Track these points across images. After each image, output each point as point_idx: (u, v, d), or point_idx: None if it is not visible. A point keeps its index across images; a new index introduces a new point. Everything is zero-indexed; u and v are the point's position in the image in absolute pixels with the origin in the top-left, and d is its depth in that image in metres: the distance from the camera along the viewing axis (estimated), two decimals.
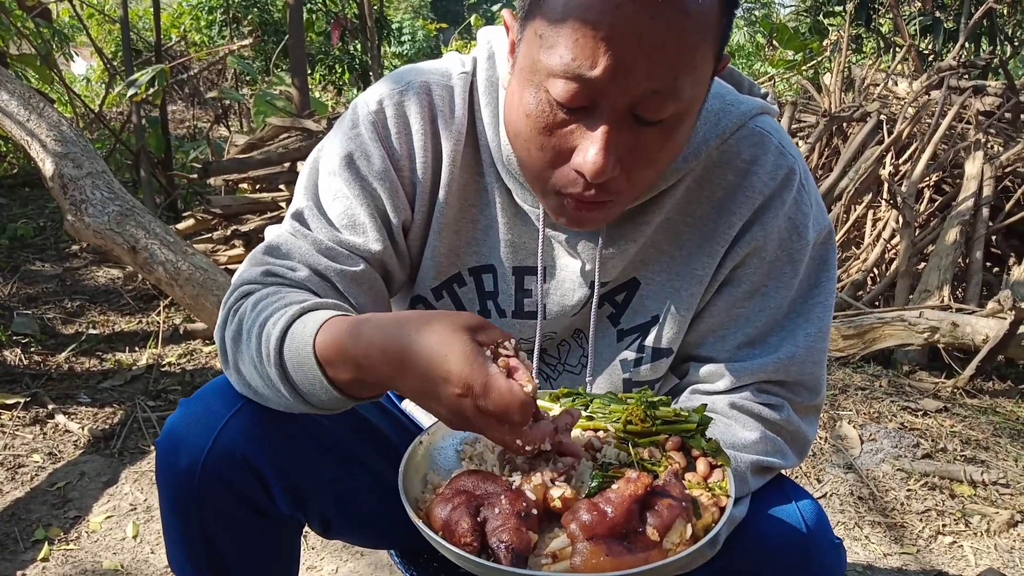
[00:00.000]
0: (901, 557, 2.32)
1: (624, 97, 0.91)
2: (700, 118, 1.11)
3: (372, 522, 1.34)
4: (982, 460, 2.83)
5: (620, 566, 0.82)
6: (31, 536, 2.26)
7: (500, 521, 0.86)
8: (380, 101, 1.16)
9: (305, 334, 0.98)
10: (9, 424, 2.80)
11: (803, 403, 1.21)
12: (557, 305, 1.22)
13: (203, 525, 1.15)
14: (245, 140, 5.50)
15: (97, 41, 6.91)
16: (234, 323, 1.08)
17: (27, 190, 6.20)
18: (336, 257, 1.13)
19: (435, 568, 1.52)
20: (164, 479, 1.15)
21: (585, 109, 0.94)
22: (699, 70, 0.94)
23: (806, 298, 1.19)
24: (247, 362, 1.05)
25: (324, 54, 11.21)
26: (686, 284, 1.19)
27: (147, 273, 3.37)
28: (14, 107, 3.42)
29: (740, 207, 1.15)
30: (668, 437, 0.99)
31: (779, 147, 1.16)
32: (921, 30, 8.27)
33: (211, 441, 1.10)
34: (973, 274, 4.12)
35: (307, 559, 2.22)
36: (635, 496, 0.86)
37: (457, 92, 1.17)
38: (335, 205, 1.15)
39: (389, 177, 1.15)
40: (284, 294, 1.07)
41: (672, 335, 1.22)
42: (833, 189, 4.54)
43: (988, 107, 5.25)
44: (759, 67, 11.39)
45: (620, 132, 0.94)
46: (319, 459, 1.19)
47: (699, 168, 1.15)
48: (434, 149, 1.17)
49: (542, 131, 0.97)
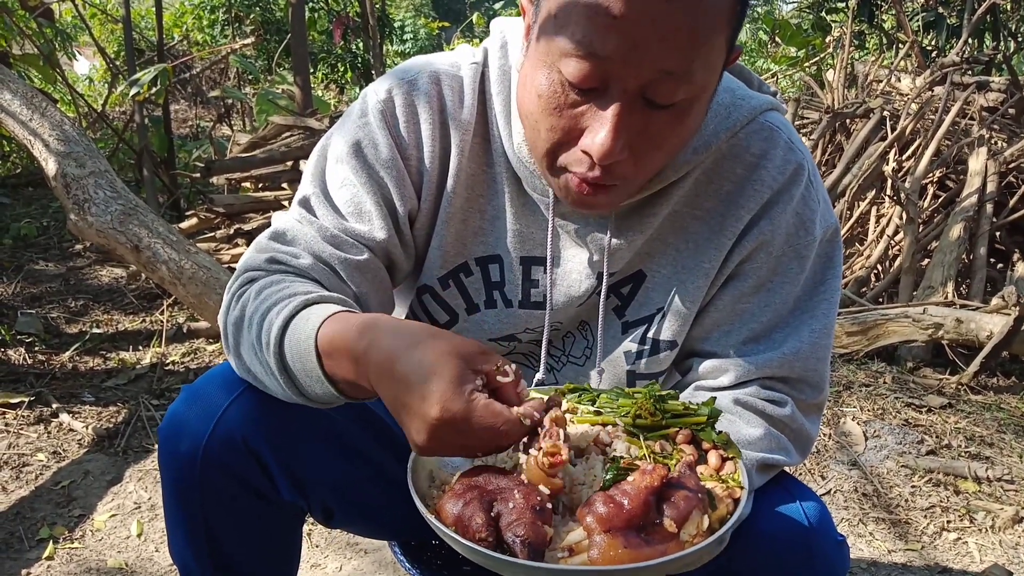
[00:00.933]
0: (906, 554, 2.31)
1: (636, 78, 0.92)
2: (710, 111, 1.11)
3: (374, 513, 1.35)
4: (987, 456, 2.82)
5: (638, 558, 0.81)
6: (36, 535, 2.27)
7: (515, 516, 0.84)
8: (389, 90, 1.17)
9: (308, 327, 0.97)
10: (14, 423, 2.81)
11: (806, 400, 1.20)
12: (563, 295, 1.22)
13: (204, 511, 1.16)
14: (248, 139, 5.51)
15: (100, 40, 6.92)
16: (237, 308, 1.08)
17: (30, 190, 6.21)
18: (340, 245, 1.14)
19: (439, 564, 1.52)
20: (166, 465, 1.16)
21: (596, 91, 0.94)
22: (712, 55, 0.94)
23: (811, 295, 1.19)
24: (248, 348, 1.05)
25: (326, 53, 11.21)
26: (692, 277, 1.19)
27: (150, 272, 3.37)
28: (17, 107, 3.42)
29: (748, 200, 1.15)
30: (678, 430, 0.98)
31: (788, 142, 1.16)
32: (924, 26, 8.25)
33: (212, 426, 1.10)
34: (977, 270, 4.11)
35: (311, 557, 2.22)
36: (651, 488, 0.85)
37: (467, 82, 1.18)
38: (341, 192, 1.16)
39: (396, 166, 1.16)
40: (288, 283, 1.07)
41: (676, 328, 1.22)
42: (836, 186, 4.53)
43: (992, 103, 5.23)
44: (762, 64, 11.36)
45: (631, 114, 0.94)
46: (320, 447, 1.19)
47: (708, 161, 1.16)
48: (442, 139, 1.17)
49: (553, 111, 0.98)
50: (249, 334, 1.05)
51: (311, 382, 0.99)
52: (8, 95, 3.45)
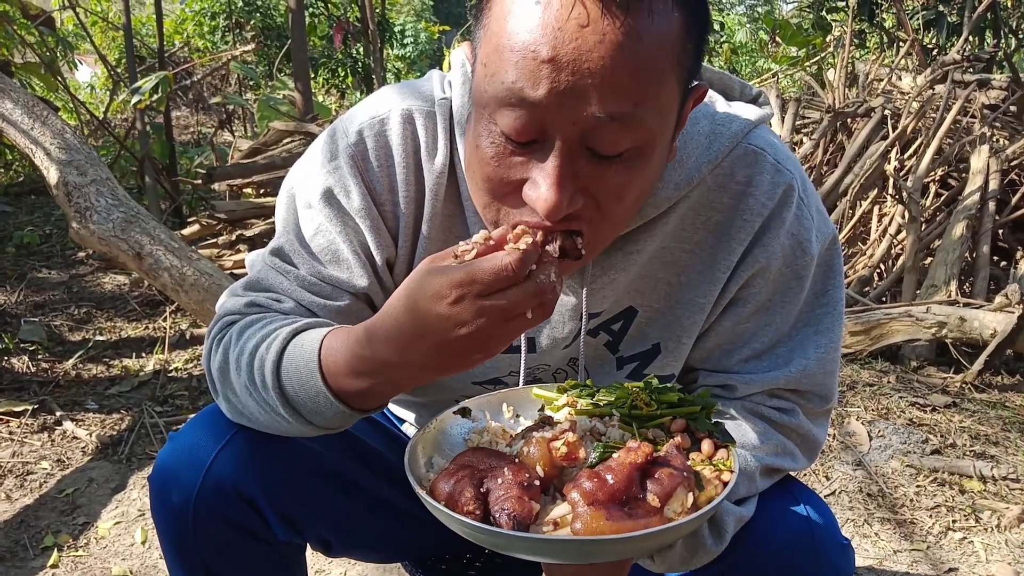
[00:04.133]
0: (911, 554, 2.31)
1: (573, 125, 0.86)
2: (691, 142, 1.08)
3: (374, 541, 1.34)
4: (991, 455, 2.81)
5: (620, 530, 0.82)
6: (40, 543, 2.27)
7: (503, 491, 0.87)
8: (360, 132, 1.11)
9: (305, 352, 0.96)
10: (17, 431, 2.81)
11: (814, 408, 1.20)
12: (548, 338, 1.20)
13: (203, 558, 1.15)
14: (249, 145, 5.52)
15: (101, 49, 6.94)
16: (219, 354, 1.06)
17: (33, 198, 6.22)
18: (320, 292, 1.11)
19: (443, 570, 1.52)
20: (159, 516, 1.14)
21: (536, 143, 0.89)
22: (661, 98, 0.88)
23: (814, 307, 1.17)
24: (240, 390, 1.03)
25: (327, 58, 11.24)
26: (688, 312, 1.17)
27: (152, 279, 3.38)
28: (18, 115, 3.43)
29: (739, 231, 1.12)
30: (673, 419, 0.99)
31: (774, 164, 1.12)
32: (924, 24, 8.24)
33: (202, 476, 1.09)
34: (980, 268, 4.10)
35: (315, 563, 2.22)
36: (635, 464, 0.86)
37: (439, 120, 1.12)
38: (316, 240, 1.12)
39: (371, 214, 1.11)
40: (269, 319, 1.06)
41: (673, 361, 1.21)
42: (838, 185, 4.53)
43: (993, 101, 5.23)
44: (762, 64, 11.37)
45: (574, 165, 0.88)
46: (312, 484, 1.18)
47: (694, 194, 1.12)
48: (416, 182, 1.12)
49: (495, 167, 0.92)
50: (239, 377, 1.02)
51: (318, 405, 0.97)
52: (9, 104, 3.46)
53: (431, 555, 1.54)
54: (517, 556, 0.87)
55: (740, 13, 14.18)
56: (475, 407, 1.11)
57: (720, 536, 1.07)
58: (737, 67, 13.21)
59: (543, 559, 0.91)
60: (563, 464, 0.91)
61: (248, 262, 1.18)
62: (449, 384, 1.27)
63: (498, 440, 1.02)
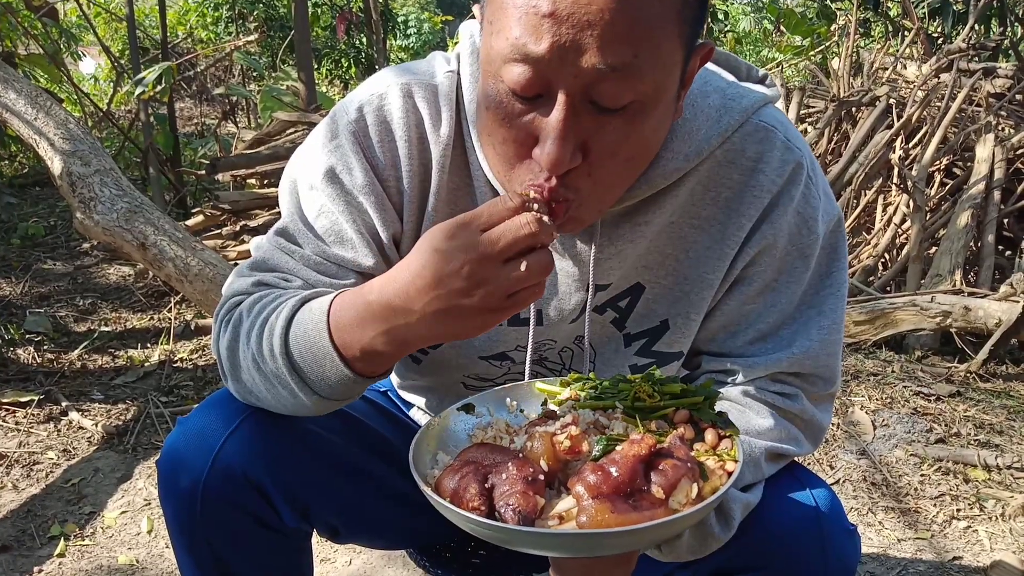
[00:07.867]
0: (915, 542, 2.31)
1: (576, 79, 0.87)
2: (701, 115, 1.09)
3: (380, 528, 1.35)
4: (996, 444, 2.81)
5: (626, 522, 0.82)
6: (47, 532, 2.28)
7: (507, 486, 0.87)
8: (360, 108, 1.11)
9: (315, 314, 0.97)
10: (23, 422, 2.82)
11: (818, 392, 1.20)
12: (555, 310, 1.20)
13: (211, 543, 1.15)
14: (252, 135, 5.51)
15: (104, 40, 6.93)
16: (228, 332, 1.06)
17: (37, 189, 6.23)
18: (326, 272, 1.11)
19: (448, 558, 1.53)
20: (167, 501, 1.14)
21: (541, 98, 0.91)
22: (662, 51, 0.89)
23: (818, 289, 1.17)
24: (248, 365, 1.04)
25: (330, 48, 11.20)
26: (696, 288, 1.17)
27: (157, 270, 3.38)
28: (22, 106, 3.44)
29: (748, 207, 1.13)
30: (676, 410, 0.99)
31: (784, 141, 1.12)
32: (930, 13, 8.19)
33: (210, 461, 1.09)
34: (985, 258, 4.09)
35: (320, 551, 2.23)
36: (639, 456, 0.87)
37: (443, 92, 1.12)
38: (320, 220, 1.12)
39: (374, 191, 1.11)
40: (279, 293, 1.06)
41: (682, 338, 1.21)
42: (843, 174, 4.51)
43: (999, 89, 5.19)
44: (767, 53, 11.32)
45: (578, 118, 0.90)
46: (320, 471, 1.19)
47: (703, 169, 1.12)
48: (420, 155, 1.12)
49: (502, 123, 0.94)
50: (248, 349, 1.03)
51: (324, 371, 0.97)
52: (13, 95, 3.46)
53: (437, 542, 1.54)
54: (523, 550, 0.88)
55: (744, 2, 14.12)
56: (478, 403, 1.11)
57: (728, 523, 1.08)
58: (741, 56, 13.08)
59: (549, 553, 0.91)
60: (567, 458, 0.91)
61: (253, 245, 1.18)
62: (456, 360, 1.27)
63: (502, 435, 1.03)
